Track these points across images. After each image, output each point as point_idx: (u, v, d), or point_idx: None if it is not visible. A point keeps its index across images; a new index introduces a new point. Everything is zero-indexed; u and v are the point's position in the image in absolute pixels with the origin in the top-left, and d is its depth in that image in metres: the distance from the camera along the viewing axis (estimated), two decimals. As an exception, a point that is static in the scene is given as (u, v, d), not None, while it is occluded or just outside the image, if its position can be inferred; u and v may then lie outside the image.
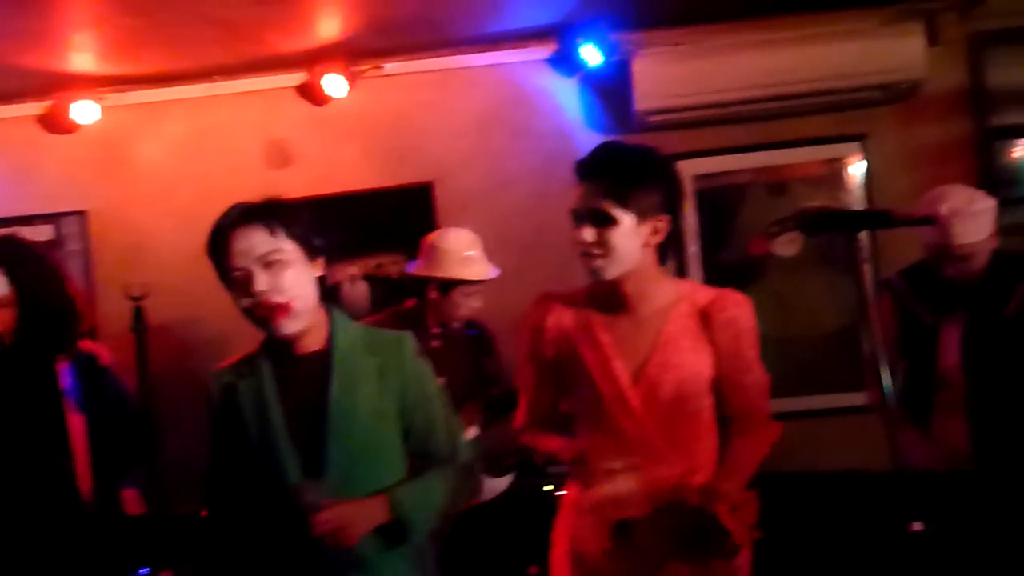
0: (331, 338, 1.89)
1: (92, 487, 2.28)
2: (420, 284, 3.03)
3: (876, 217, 2.18)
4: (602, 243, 1.86)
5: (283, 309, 1.78)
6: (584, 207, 1.88)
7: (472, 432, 2.97)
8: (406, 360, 1.92)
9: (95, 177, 4.55)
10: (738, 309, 1.96)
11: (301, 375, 1.86)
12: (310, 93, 4.41)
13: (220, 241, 1.82)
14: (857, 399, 4.03)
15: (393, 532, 1.82)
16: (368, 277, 4.41)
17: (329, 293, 4.32)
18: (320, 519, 1.72)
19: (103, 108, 4.44)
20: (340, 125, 4.43)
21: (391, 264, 4.38)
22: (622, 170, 1.87)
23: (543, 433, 2.07)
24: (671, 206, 1.92)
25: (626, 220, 1.86)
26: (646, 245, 1.90)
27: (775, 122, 4.16)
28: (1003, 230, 2.84)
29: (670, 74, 3.90)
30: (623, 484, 1.71)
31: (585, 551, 1.98)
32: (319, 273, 1.89)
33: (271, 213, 1.83)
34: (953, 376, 2.72)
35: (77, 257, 4.55)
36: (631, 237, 1.86)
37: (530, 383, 2.09)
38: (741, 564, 1.93)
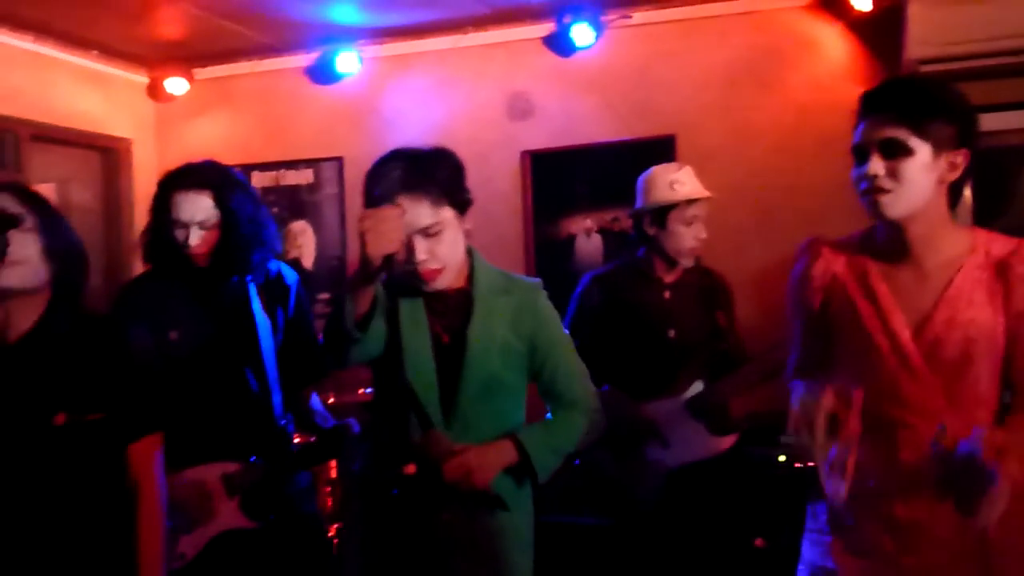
0: (471, 277, 2.00)
1: (280, 400, 2.46)
2: (642, 231, 2.93)
3: None
4: (893, 175, 1.68)
5: (437, 272, 1.90)
6: (872, 138, 1.71)
7: (695, 387, 2.85)
8: (539, 303, 2.03)
9: (351, 125, 4.82)
10: None
11: (443, 308, 1.97)
12: (556, 44, 4.41)
13: (382, 198, 1.85)
14: None
15: (519, 472, 1.94)
16: (603, 231, 4.38)
17: (564, 245, 4.39)
18: (451, 466, 1.82)
19: (362, 59, 4.69)
20: (583, 76, 4.40)
21: (628, 219, 4.31)
22: (917, 97, 1.69)
23: (809, 381, 1.93)
24: (968, 141, 1.72)
25: (922, 151, 1.68)
26: (940, 182, 1.71)
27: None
28: None
29: (949, 18, 3.51)
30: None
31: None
32: (467, 226, 1.97)
33: (437, 183, 1.89)
34: None
35: (333, 200, 4.86)
36: (926, 171, 1.68)
37: (797, 332, 1.94)
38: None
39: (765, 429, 3.23)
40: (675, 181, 2.84)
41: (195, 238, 2.35)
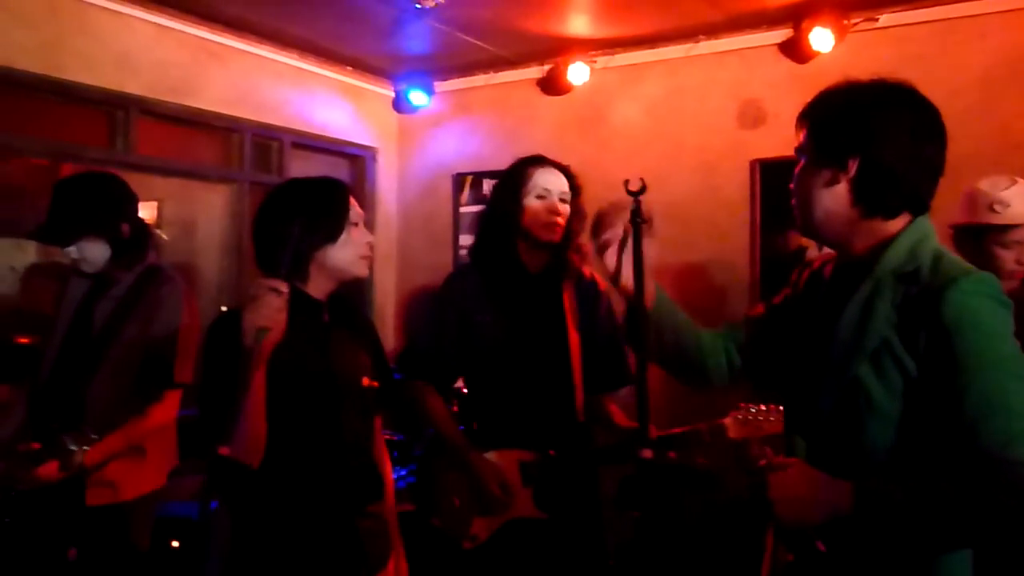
0: (876, 250, 1.52)
1: (582, 400, 2.48)
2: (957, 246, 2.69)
3: None
4: None
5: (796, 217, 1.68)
6: None
7: None
8: (949, 301, 1.38)
9: (579, 135, 4.90)
10: None
11: (834, 284, 1.62)
12: (793, 50, 4.25)
13: None
14: None
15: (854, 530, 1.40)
16: (837, 244, 4.15)
17: (792, 257, 4.21)
18: (777, 480, 1.43)
19: (592, 70, 4.75)
20: (821, 83, 4.15)
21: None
22: None
23: None
24: None
25: None
26: None
27: None
28: None
29: None
30: None
31: None
32: (837, 182, 1.55)
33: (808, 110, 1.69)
34: None
35: (558, 208, 4.95)
36: None
37: None
38: None
39: None
40: (997, 202, 2.59)
41: (561, 208, 2.47)
